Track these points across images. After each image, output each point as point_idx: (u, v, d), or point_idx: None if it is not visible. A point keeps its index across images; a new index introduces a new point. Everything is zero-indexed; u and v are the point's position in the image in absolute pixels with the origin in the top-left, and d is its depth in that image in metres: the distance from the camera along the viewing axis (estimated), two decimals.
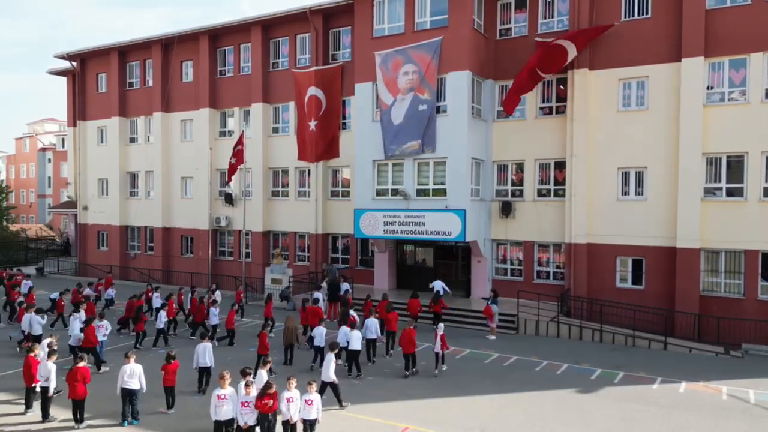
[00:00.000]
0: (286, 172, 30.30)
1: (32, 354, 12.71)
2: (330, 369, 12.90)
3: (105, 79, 37.04)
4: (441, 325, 15.88)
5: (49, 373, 12.32)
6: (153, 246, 35.00)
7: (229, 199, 31.44)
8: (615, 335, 19.51)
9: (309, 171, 29.23)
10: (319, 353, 15.80)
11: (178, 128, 33.86)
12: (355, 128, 25.93)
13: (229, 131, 32.22)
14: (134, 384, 12.15)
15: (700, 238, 20.46)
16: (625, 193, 22.12)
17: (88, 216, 38.02)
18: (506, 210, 23.93)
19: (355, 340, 15.30)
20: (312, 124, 28.12)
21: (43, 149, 69.61)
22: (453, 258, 26.65)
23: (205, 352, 13.95)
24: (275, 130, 30.61)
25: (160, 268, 33.94)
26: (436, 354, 15.54)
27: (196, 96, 32.72)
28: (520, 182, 24.20)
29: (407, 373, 15.37)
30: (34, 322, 17.33)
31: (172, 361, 12.78)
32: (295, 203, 29.83)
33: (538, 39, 22.96)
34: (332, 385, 12.90)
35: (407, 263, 27.27)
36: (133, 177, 36.22)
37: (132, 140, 36.13)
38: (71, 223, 45.33)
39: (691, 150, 20.57)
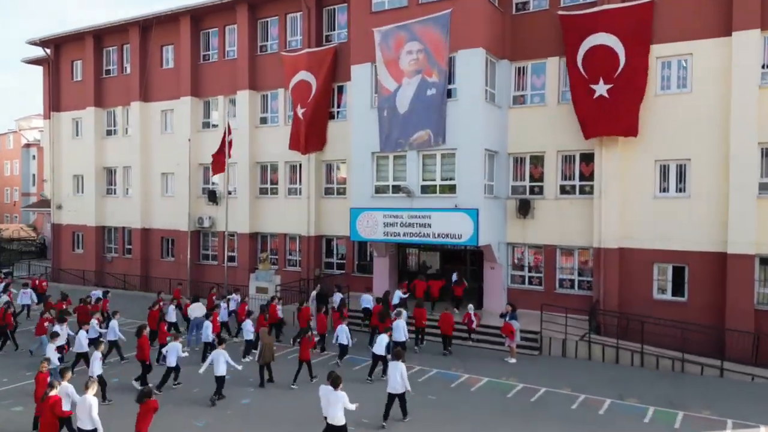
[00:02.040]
0: (275, 167, 27.24)
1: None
2: (397, 378, 11.74)
3: (80, 67, 34.00)
4: (471, 306, 18.51)
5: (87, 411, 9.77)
6: (131, 248, 31.92)
7: (212, 197, 28.40)
8: (659, 358, 16.45)
9: (300, 166, 26.18)
10: (344, 351, 16.37)
11: (158, 119, 30.81)
12: (351, 116, 22.87)
13: (213, 124, 29.15)
14: (86, 423, 9.69)
15: (756, 242, 17.40)
16: (664, 190, 19.06)
17: (62, 215, 34.99)
18: (524, 209, 20.88)
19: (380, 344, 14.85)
20: (300, 112, 25.05)
21: (27, 145, 66.59)
22: (462, 263, 23.59)
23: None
24: (263, 121, 27.55)
25: (138, 273, 30.87)
26: (469, 330, 18.38)
27: (177, 84, 29.67)
28: (540, 177, 21.14)
29: (445, 351, 17.58)
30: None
31: (146, 400, 9.91)
32: (286, 202, 26.78)
33: (561, 13, 19.91)
34: (400, 397, 11.87)
35: (410, 269, 24.21)
36: (111, 173, 33.18)
37: (109, 133, 33.09)
38: (48, 224, 42.29)
39: (743, 139, 17.50)
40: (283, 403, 13.41)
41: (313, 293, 20.21)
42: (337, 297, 20.00)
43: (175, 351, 14.07)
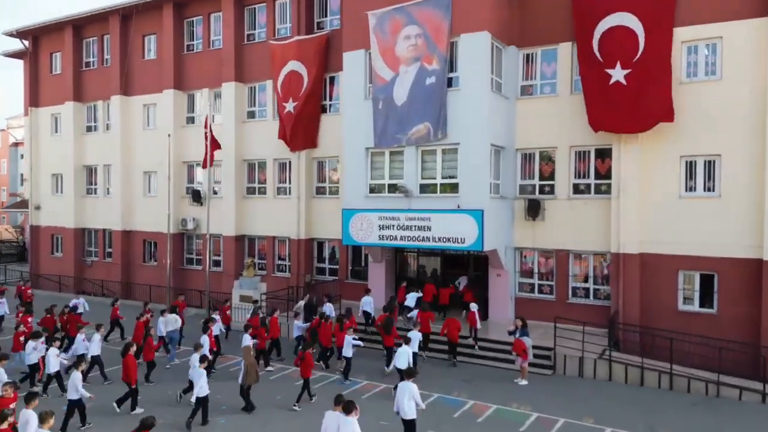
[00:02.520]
0: (263, 164, 25.30)
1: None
2: (404, 402, 10.39)
3: (60, 59, 32.06)
4: (474, 305, 17.11)
5: None
6: (112, 252, 29.96)
7: (197, 197, 26.47)
8: (690, 380, 14.48)
9: (290, 164, 24.23)
10: (348, 364, 15.20)
11: (139, 114, 28.87)
12: (343, 109, 20.92)
13: (197, 118, 27.19)
14: None
15: None
16: (691, 189, 17.12)
17: (40, 217, 33.08)
18: (534, 210, 18.94)
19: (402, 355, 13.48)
20: (290, 106, 23.11)
21: (15, 144, 64.60)
22: (464, 268, 21.71)
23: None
24: (251, 115, 25.62)
25: (119, 279, 28.91)
26: (473, 329, 17.06)
27: (159, 76, 27.73)
28: (551, 175, 19.20)
29: (454, 360, 16.57)
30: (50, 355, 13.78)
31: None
32: (274, 202, 24.83)
33: None
34: (408, 424, 10.44)
35: (409, 275, 22.26)
36: (91, 171, 31.23)
37: (89, 129, 31.14)
38: (28, 225, 40.33)
39: None
40: (276, 427, 11.54)
41: (301, 303, 18.24)
42: (327, 308, 18.06)
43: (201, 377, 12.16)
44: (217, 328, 16.67)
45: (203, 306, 23.76)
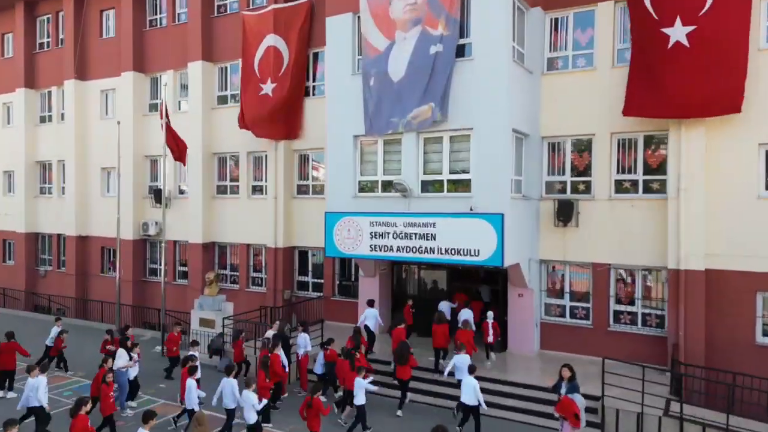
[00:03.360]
0: (236, 159, 21.39)
1: None
2: None
3: (11, 41, 28.19)
4: (490, 313, 14.75)
5: None
6: (66, 261, 26.05)
7: (159, 197, 22.53)
8: None
9: (266, 157, 20.31)
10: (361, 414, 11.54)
11: (97, 101, 24.99)
12: (327, 87, 16.97)
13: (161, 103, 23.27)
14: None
15: None
16: None
17: None
18: (565, 214, 15.02)
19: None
20: (268, 88, 19.18)
21: None
22: (475, 284, 17.84)
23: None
24: (222, 100, 21.70)
25: (73, 294, 24.97)
26: (487, 345, 14.59)
27: (118, 56, 23.82)
28: (587, 170, 15.29)
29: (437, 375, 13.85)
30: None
31: None
32: (248, 203, 20.91)
33: None
34: None
35: (408, 292, 18.34)
36: (44, 168, 27.36)
37: (43, 119, 27.28)
38: None
39: None
40: None
41: (270, 333, 14.23)
42: (302, 339, 14.13)
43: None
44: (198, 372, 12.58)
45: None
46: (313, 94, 19.59)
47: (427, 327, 15.03)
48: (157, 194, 22.65)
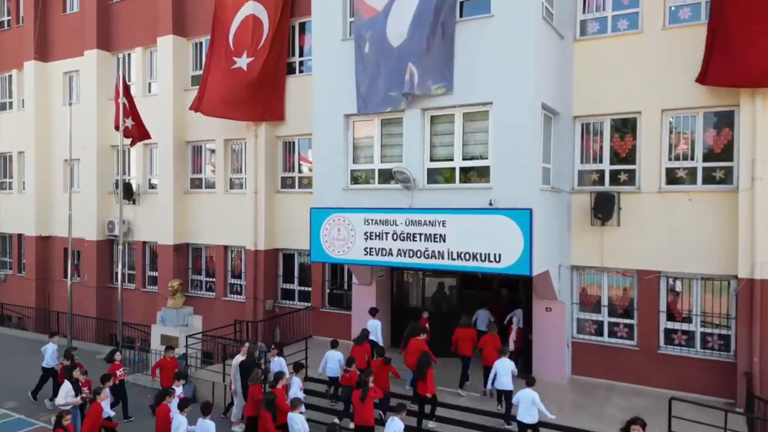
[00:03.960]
0: (212, 147, 18.61)
1: None
2: None
3: None
4: (518, 312, 13.11)
5: None
6: (26, 264, 23.27)
7: (128, 192, 19.77)
8: None
9: (245, 145, 17.51)
10: None
11: (59, 85, 22.21)
12: (314, 56, 14.12)
13: (133, 86, 20.46)
14: None
15: None
16: None
17: None
18: (604, 209, 12.21)
19: None
20: (242, 62, 16.39)
21: None
22: (491, 294, 15.07)
23: None
24: (196, 81, 18.81)
25: (33, 303, 22.19)
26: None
27: (82, 33, 21.04)
28: (630, 156, 12.49)
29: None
30: None
31: None
32: (226, 199, 18.11)
33: None
34: None
35: (410, 303, 15.57)
36: (4, 160, 24.55)
37: (3, 107, 24.47)
38: None
39: None
40: None
41: (237, 360, 11.35)
42: (276, 366, 11.29)
43: None
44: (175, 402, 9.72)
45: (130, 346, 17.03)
46: (300, 71, 16.80)
47: (438, 345, 12.23)
48: (124, 189, 19.85)
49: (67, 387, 10.78)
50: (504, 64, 11.09)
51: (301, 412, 9.36)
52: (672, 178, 12.05)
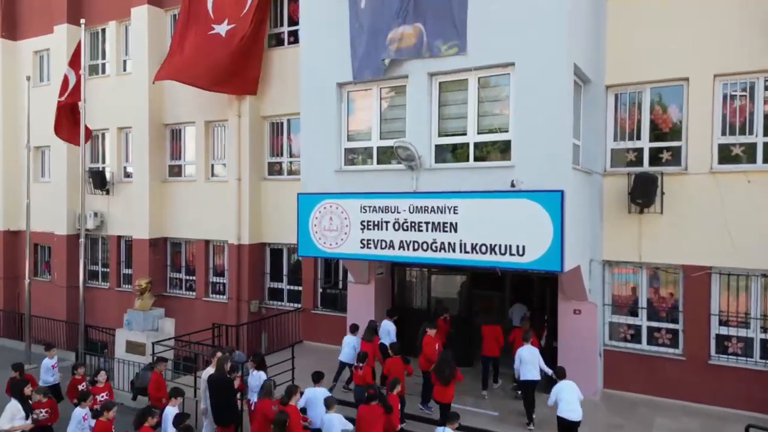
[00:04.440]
0: (190, 130, 16.73)
1: None
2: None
3: None
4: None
5: None
6: None
7: (100, 181, 17.91)
8: None
9: (227, 127, 15.62)
10: None
11: (29, 65, 20.33)
12: (301, 18, 12.20)
13: (107, 65, 18.64)
14: None
15: None
16: None
17: None
18: (644, 194, 10.31)
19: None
20: (221, 28, 14.48)
21: None
22: (502, 293, 13.21)
23: None
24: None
25: (1, 306, 20.32)
26: None
27: (50, 7, 19.16)
28: (674, 131, 10.60)
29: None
30: None
31: None
32: (207, 188, 16.23)
33: None
34: None
35: (414, 303, 13.68)
36: None
37: None
38: None
39: None
40: None
41: (206, 374, 9.42)
42: (256, 378, 9.37)
43: None
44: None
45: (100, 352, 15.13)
46: (290, 42, 14.91)
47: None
48: (96, 177, 18.01)
49: (14, 407, 8.85)
50: (529, 15, 9.18)
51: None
52: (726, 156, 10.15)
